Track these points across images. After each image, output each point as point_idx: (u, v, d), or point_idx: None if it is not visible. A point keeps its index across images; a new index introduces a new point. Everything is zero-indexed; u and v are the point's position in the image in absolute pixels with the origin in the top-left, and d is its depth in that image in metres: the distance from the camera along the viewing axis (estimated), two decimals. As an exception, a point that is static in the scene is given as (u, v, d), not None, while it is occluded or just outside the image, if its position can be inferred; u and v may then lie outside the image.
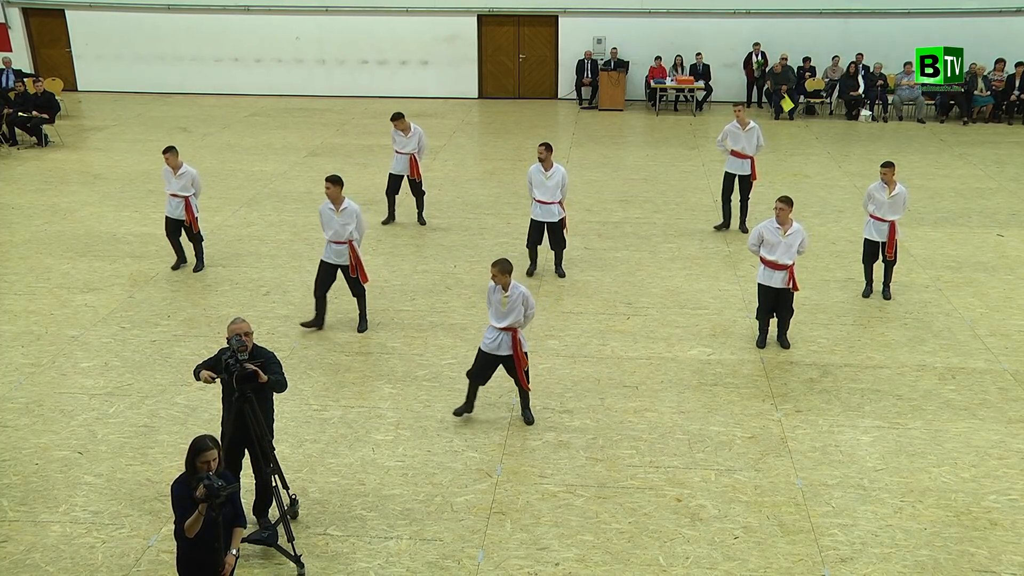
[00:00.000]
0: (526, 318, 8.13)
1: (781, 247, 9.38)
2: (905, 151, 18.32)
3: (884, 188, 10.66)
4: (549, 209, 11.38)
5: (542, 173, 11.31)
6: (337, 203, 9.81)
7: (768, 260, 9.47)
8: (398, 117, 13.57)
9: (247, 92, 24.21)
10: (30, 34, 24.74)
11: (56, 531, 6.85)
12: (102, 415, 8.46)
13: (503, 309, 8.01)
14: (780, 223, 9.36)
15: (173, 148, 11.66)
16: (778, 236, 9.38)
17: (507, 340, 8.08)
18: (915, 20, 22.15)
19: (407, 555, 6.61)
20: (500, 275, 7.93)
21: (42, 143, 18.68)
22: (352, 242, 9.92)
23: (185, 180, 11.60)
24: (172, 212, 11.69)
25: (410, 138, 13.57)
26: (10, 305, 10.90)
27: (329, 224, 9.89)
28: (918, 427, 8.24)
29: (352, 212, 9.84)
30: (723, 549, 6.67)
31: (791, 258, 9.43)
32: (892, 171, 10.61)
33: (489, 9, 23.49)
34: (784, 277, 9.46)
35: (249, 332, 6.45)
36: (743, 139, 13.17)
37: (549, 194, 11.30)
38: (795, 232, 9.40)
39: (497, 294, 8.03)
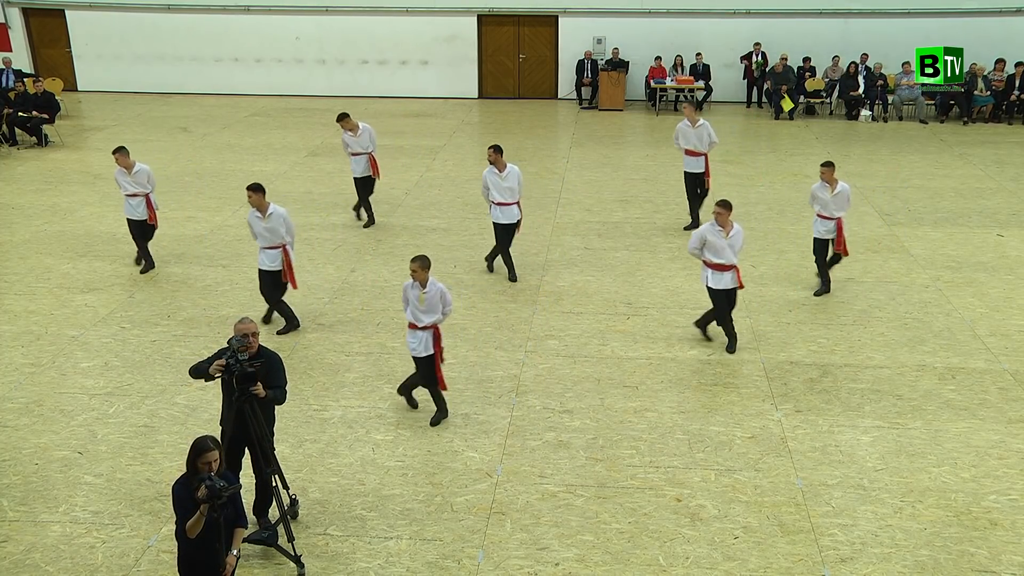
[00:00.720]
0: (444, 315, 8.14)
1: (727, 249, 9.42)
2: (905, 151, 18.32)
3: (826, 187, 10.76)
4: (510, 210, 11.39)
5: (497, 175, 11.31)
6: (263, 210, 9.85)
7: (715, 263, 9.48)
8: (343, 117, 13.45)
9: (247, 92, 24.22)
10: (30, 34, 24.75)
11: (56, 531, 6.85)
12: (102, 415, 8.46)
13: (421, 307, 8.00)
14: (721, 226, 9.39)
15: (123, 148, 11.71)
16: (721, 238, 9.41)
17: (428, 340, 8.07)
18: (915, 20, 22.15)
19: (407, 555, 6.61)
20: (420, 271, 7.91)
21: (42, 143, 18.69)
22: (285, 246, 9.95)
23: (141, 177, 11.68)
24: (132, 213, 11.77)
25: (360, 136, 13.44)
26: (10, 305, 10.90)
27: (258, 231, 9.93)
28: (918, 427, 8.24)
29: (279, 216, 9.88)
30: (723, 549, 6.67)
31: (736, 258, 9.53)
32: (832, 170, 10.75)
33: (489, 9, 23.49)
34: (732, 277, 9.51)
35: (255, 333, 6.46)
36: (694, 137, 13.27)
37: (508, 195, 11.32)
38: (736, 233, 9.47)
39: (415, 291, 8.01)
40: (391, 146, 18.77)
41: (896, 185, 15.88)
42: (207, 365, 6.37)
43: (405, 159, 17.74)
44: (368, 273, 11.86)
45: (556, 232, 13.50)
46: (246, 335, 6.35)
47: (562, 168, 17.19)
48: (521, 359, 9.56)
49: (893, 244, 12.90)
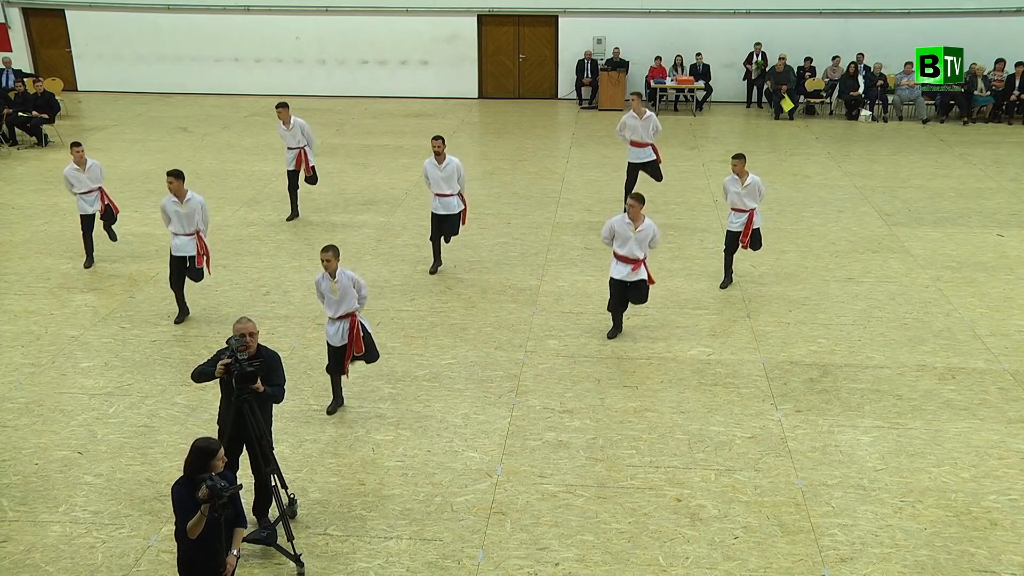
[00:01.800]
0: (360, 301, 8.21)
1: (632, 242, 9.55)
2: (905, 151, 18.33)
3: (736, 180, 10.86)
4: (447, 202, 11.49)
5: (436, 167, 11.45)
6: (181, 196, 9.99)
7: (620, 254, 9.66)
8: (282, 107, 13.63)
9: (247, 92, 24.22)
10: (30, 34, 24.75)
11: (56, 531, 6.85)
12: (102, 415, 8.46)
13: (335, 297, 8.08)
14: (632, 219, 9.53)
15: (78, 143, 11.90)
16: (629, 231, 9.52)
17: (345, 328, 8.16)
18: (915, 20, 22.15)
19: (407, 555, 6.61)
20: (333, 260, 7.97)
21: (42, 143, 18.69)
22: (199, 232, 10.13)
23: (94, 172, 11.89)
24: (87, 208, 11.94)
25: (292, 130, 13.60)
26: (10, 305, 10.90)
27: (174, 217, 10.06)
28: (918, 427, 8.24)
29: (196, 203, 10.06)
30: (723, 549, 6.67)
31: (643, 252, 9.64)
32: (743, 163, 10.85)
33: (489, 9, 23.50)
34: (631, 268, 9.63)
35: (254, 332, 6.46)
36: (640, 128, 13.52)
37: (446, 186, 11.46)
38: (645, 228, 9.56)
39: (326, 282, 8.08)
40: (391, 146, 18.79)
41: (896, 185, 15.88)
42: (211, 367, 6.37)
43: (405, 159, 17.74)
44: (368, 273, 11.85)
45: (556, 232, 13.50)
46: (244, 335, 6.35)
47: (562, 168, 17.19)
48: (521, 359, 9.56)
49: (893, 244, 12.90)
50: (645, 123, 13.52)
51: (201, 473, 5.16)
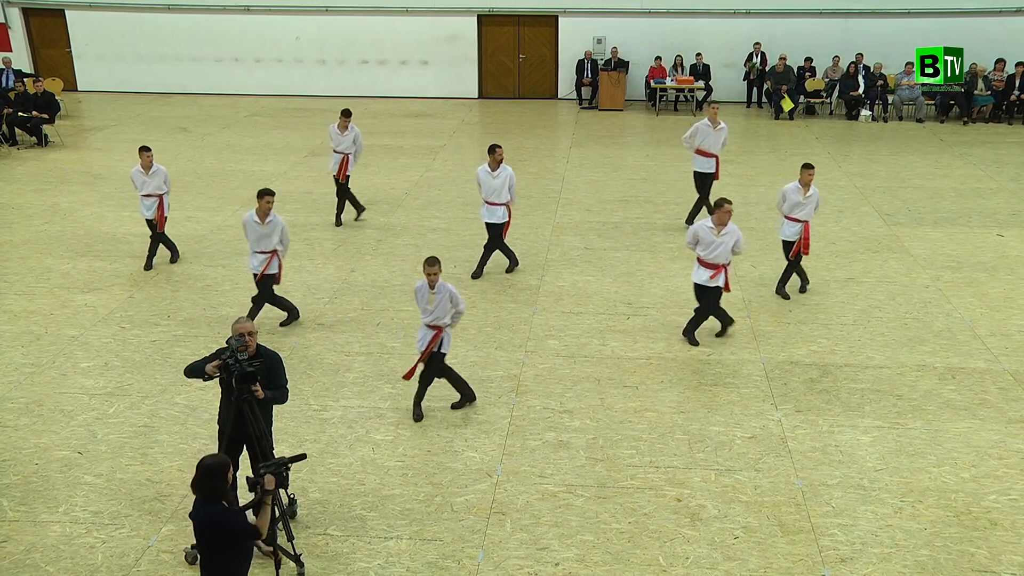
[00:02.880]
0: (454, 318, 8.22)
1: (715, 247, 9.50)
2: (905, 151, 18.32)
3: (800, 189, 10.74)
4: (494, 210, 11.45)
5: (489, 174, 11.38)
6: (263, 215, 9.84)
7: (703, 259, 9.62)
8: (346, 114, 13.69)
9: (247, 92, 24.22)
10: (30, 34, 24.75)
11: (56, 531, 6.84)
12: (102, 415, 8.46)
13: (429, 307, 8.11)
14: (716, 224, 9.51)
15: (147, 148, 11.89)
16: (712, 236, 9.50)
17: (428, 337, 8.22)
18: (915, 20, 22.15)
19: (407, 555, 6.61)
20: (439, 273, 8.04)
21: (42, 143, 18.69)
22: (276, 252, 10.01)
23: (157, 178, 11.81)
24: (145, 212, 11.90)
25: (346, 136, 13.58)
26: (10, 305, 10.90)
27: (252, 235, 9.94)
28: (918, 427, 8.24)
29: (277, 224, 9.90)
30: (723, 549, 6.67)
31: (727, 258, 9.59)
32: (812, 173, 10.69)
33: (489, 9, 23.49)
34: (711, 274, 9.58)
35: (253, 332, 6.46)
36: (712, 137, 13.26)
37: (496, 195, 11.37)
38: (730, 233, 9.51)
39: (424, 292, 8.12)
40: (391, 146, 18.79)
41: (896, 185, 15.88)
42: (203, 364, 6.37)
43: (405, 159, 17.74)
44: (368, 273, 11.86)
45: (556, 232, 13.50)
46: (243, 335, 6.35)
47: (562, 168, 17.19)
48: (521, 359, 9.56)
49: (893, 244, 12.90)
50: (718, 134, 13.22)
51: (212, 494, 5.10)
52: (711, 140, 13.25)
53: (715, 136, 13.25)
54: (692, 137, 13.38)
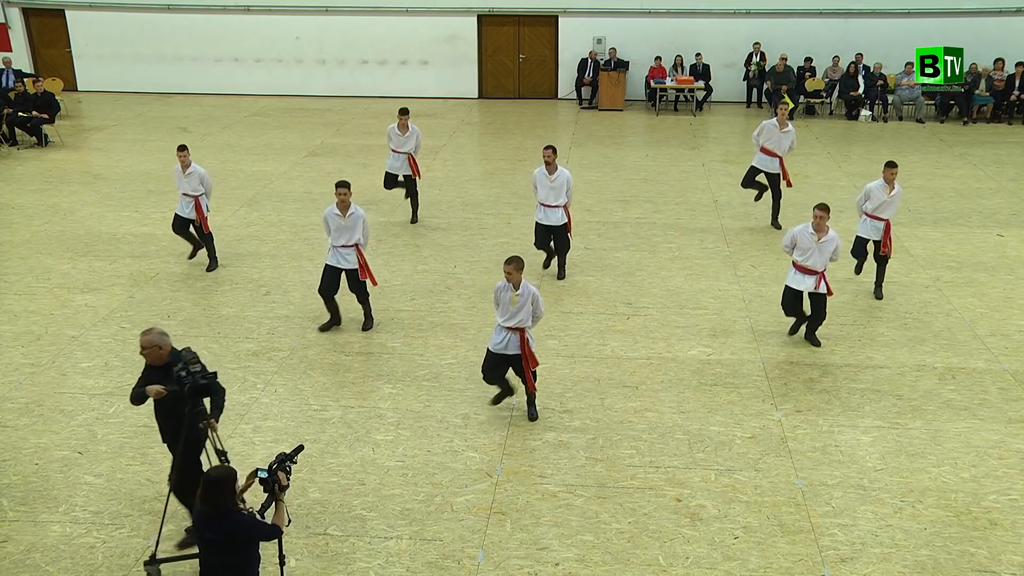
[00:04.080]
0: (535, 319, 8.16)
1: (815, 252, 9.42)
2: (905, 151, 18.32)
3: (884, 187, 10.74)
4: (552, 213, 11.35)
5: (546, 176, 11.30)
6: (344, 209, 9.77)
7: (800, 265, 9.53)
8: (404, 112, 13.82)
9: (247, 92, 24.21)
10: (30, 34, 24.74)
11: (56, 531, 6.84)
12: (102, 415, 8.46)
13: (512, 308, 8.01)
14: (816, 230, 9.41)
15: (183, 147, 11.85)
16: (812, 242, 9.42)
17: (515, 340, 8.10)
18: (915, 20, 22.14)
19: (407, 555, 6.61)
20: (515, 272, 7.95)
21: (42, 143, 18.68)
22: (358, 245, 9.90)
23: (193, 179, 11.72)
24: (182, 210, 11.87)
25: (408, 137, 13.66)
26: (10, 305, 10.90)
27: (335, 228, 9.83)
28: (918, 427, 8.24)
29: (358, 216, 9.81)
30: (723, 549, 6.67)
31: (824, 264, 9.50)
32: (896, 171, 10.73)
33: (489, 9, 23.49)
34: (814, 282, 9.51)
35: (161, 345, 6.28)
36: (776, 137, 13.25)
37: (554, 197, 11.28)
38: (829, 239, 9.42)
39: (508, 292, 8.02)
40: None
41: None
42: (142, 388, 6.24)
43: (405, 159, 17.71)
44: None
45: (556, 232, 13.49)
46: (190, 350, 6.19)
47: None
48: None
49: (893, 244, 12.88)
50: (784, 135, 13.22)
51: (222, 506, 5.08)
52: (775, 140, 13.26)
53: (781, 137, 13.24)
54: (759, 135, 13.47)
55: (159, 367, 6.35)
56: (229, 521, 5.08)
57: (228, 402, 8.59)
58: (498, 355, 8.19)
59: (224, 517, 5.07)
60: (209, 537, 5.11)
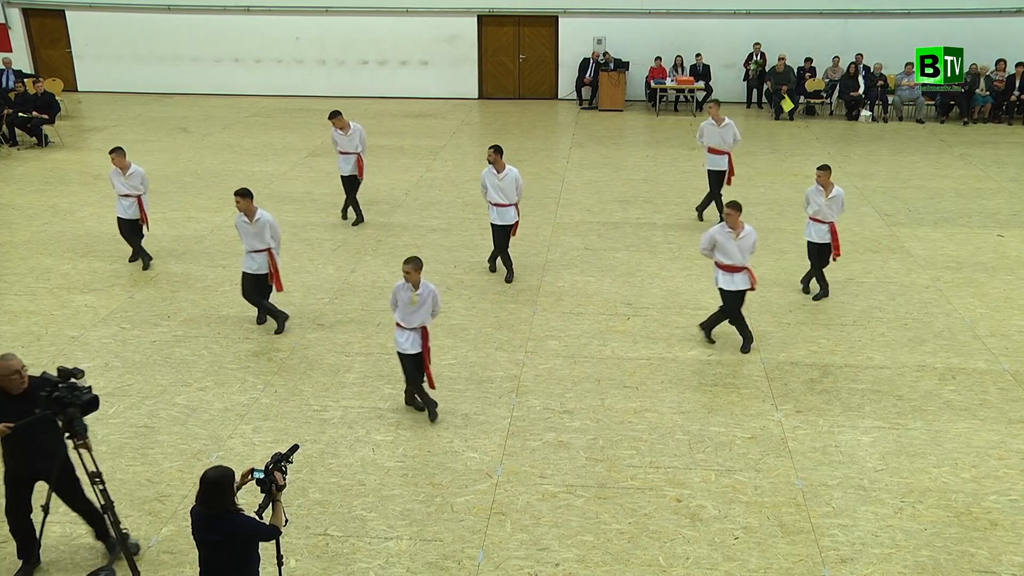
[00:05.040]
0: (433, 316, 8.23)
1: (735, 250, 9.42)
2: (905, 151, 18.32)
3: (821, 191, 10.75)
4: (506, 212, 11.40)
5: (495, 176, 11.33)
6: (250, 215, 9.81)
7: (725, 264, 9.51)
8: (336, 115, 13.65)
9: (247, 92, 24.21)
10: (30, 34, 24.74)
11: (56, 531, 6.84)
12: (102, 415, 8.45)
13: (411, 307, 8.07)
14: (731, 227, 9.40)
15: (120, 149, 11.86)
16: (731, 240, 9.41)
17: (417, 339, 8.17)
18: (915, 20, 22.14)
19: (407, 555, 6.61)
20: (413, 272, 7.99)
21: (42, 144, 18.68)
22: (270, 250, 9.96)
23: (134, 179, 11.76)
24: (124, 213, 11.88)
25: (351, 136, 13.62)
26: (10, 305, 10.90)
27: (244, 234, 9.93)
28: (918, 427, 8.24)
29: (265, 222, 9.85)
30: (723, 549, 6.67)
31: (747, 259, 9.52)
32: (828, 174, 10.71)
33: (489, 9, 23.49)
34: (744, 278, 9.52)
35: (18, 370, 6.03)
36: (718, 135, 13.41)
37: (504, 196, 11.32)
38: (747, 235, 9.45)
39: (406, 292, 8.07)
40: (391, 146, 18.78)
41: (896, 185, 15.88)
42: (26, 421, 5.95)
43: (405, 159, 17.74)
44: (368, 273, 11.86)
45: (556, 232, 13.50)
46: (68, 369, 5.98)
47: (562, 168, 17.18)
48: (521, 359, 9.56)
49: (893, 244, 12.90)
50: (723, 130, 13.35)
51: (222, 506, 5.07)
52: (717, 137, 13.38)
53: (721, 133, 13.37)
54: (701, 137, 13.64)
55: (17, 396, 6.03)
56: (228, 522, 5.08)
57: (228, 402, 8.67)
58: (404, 355, 8.23)
59: (223, 517, 5.07)
60: (209, 538, 5.11)
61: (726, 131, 13.39)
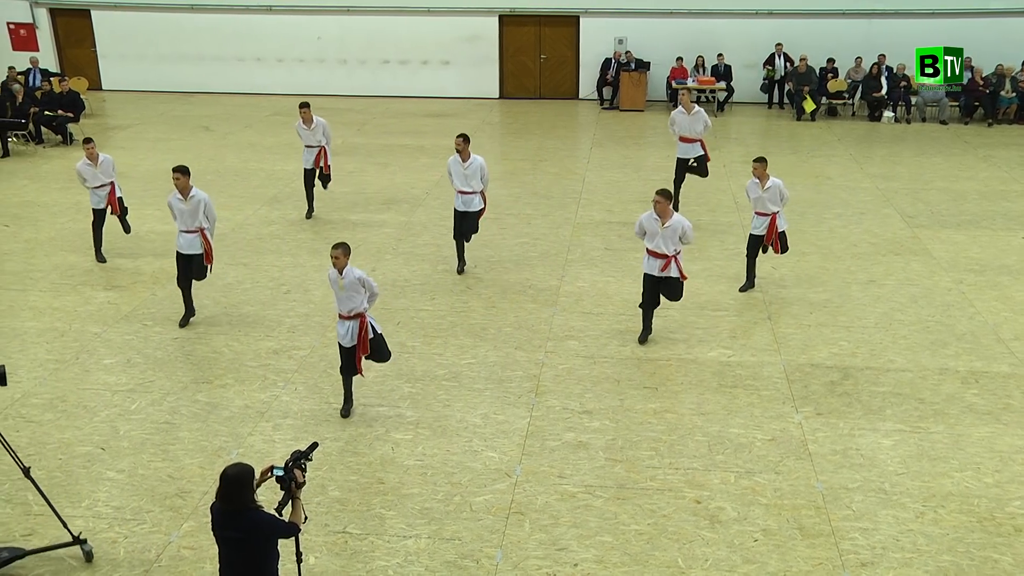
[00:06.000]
0: (369, 301, 8.28)
1: (659, 237, 9.50)
2: (928, 153, 18.19)
3: (757, 184, 10.79)
4: (468, 199, 11.62)
5: (460, 163, 11.57)
6: (185, 192, 9.97)
7: (650, 249, 9.60)
8: (304, 106, 13.77)
9: (269, 91, 24.33)
10: (56, 34, 24.99)
11: (79, 525, 6.90)
12: (124, 411, 8.53)
13: (342, 294, 8.13)
14: (659, 215, 9.50)
15: (89, 139, 12.03)
16: (657, 227, 9.50)
17: (355, 328, 8.23)
18: (939, 21, 21.94)
19: (426, 554, 6.63)
20: (342, 256, 8.06)
21: (67, 142, 18.86)
22: (203, 230, 10.08)
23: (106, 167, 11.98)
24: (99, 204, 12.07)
25: (314, 130, 13.72)
26: (35, 301, 11.01)
27: (178, 214, 10.05)
28: (940, 431, 8.18)
29: (200, 199, 10.00)
30: (742, 552, 6.64)
31: (673, 248, 9.55)
32: (763, 166, 10.78)
33: (510, 9, 23.50)
34: (661, 264, 9.54)
35: None
36: (688, 123, 13.65)
37: (467, 184, 11.56)
38: (673, 223, 9.50)
39: (335, 279, 8.14)
40: (412, 146, 18.83)
41: (919, 187, 15.76)
42: None
43: (426, 159, 17.77)
44: (387, 272, 11.89)
45: (576, 232, 13.49)
46: None
47: (582, 168, 17.17)
48: (541, 359, 9.56)
49: (915, 246, 12.81)
50: (694, 119, 13.60)
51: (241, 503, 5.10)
52: (687, 126, 13.65)
53: (691, 121, 13.62)
54: (672, 125, 13.91)
55: None
56: (248, 518, 5.11)
57: (249, 400, 8.72)
58: (349, 348, 8.29)
59: (243, 514, 5.10)
60: (229, 535, 5.14)
61: (696, 119, 13.60)
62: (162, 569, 6.47)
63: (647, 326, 9.94)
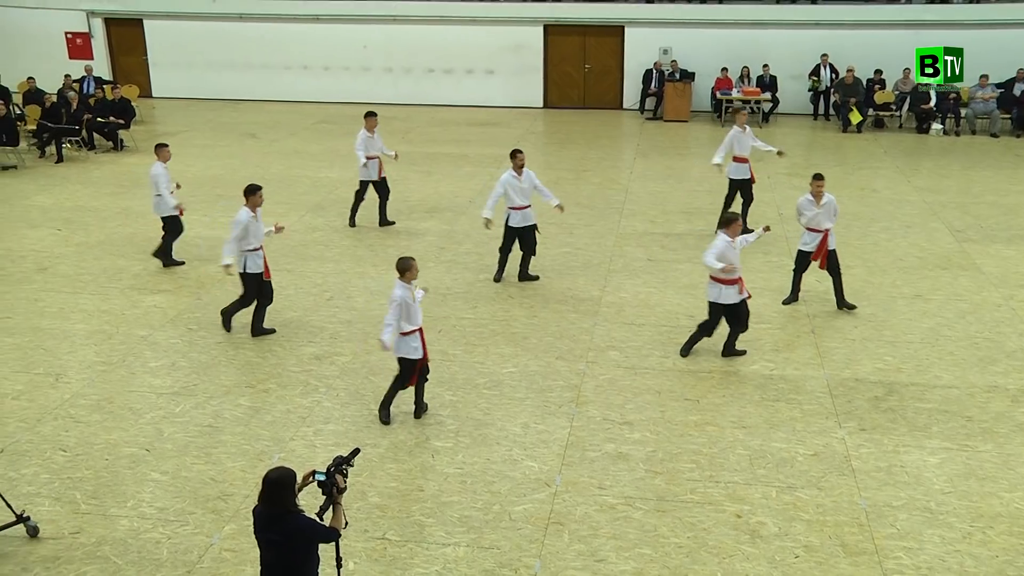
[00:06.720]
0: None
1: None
2: (978, 166, 17.88)
3: (812, 201, 10.65)
4: (527, 213, 11.68)
5: (516, 178, 11.63)
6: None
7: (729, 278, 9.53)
8: (371, 115, 14.08)
9: (314, 99, 24.60)
10: (110, 43, 25.53)
11: (124, 525, 7.01)
12: (169, 414, 8.65)
13: (416, 306, 8.35)
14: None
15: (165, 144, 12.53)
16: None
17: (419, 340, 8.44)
18: (989, 32, 21.62)
19: (464, 562, 6.63)
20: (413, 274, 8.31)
21: (118, 148, 19.23)
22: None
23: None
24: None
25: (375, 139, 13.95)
26: (84, 304, 11.22)
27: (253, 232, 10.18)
28: (989, 450, 8.02)
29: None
30: (783, 568, 6.56)
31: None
32: (822, 183, 10.65)
33: (555, 19, 23.54)
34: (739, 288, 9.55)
35: None
36: (746, 142, 13.52)
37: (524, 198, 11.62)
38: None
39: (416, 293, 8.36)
40: (456, 154, 18.92)
41: (968, 201, 15.50)
42: None
43: (470, 167, 17.84)
44: (430, 280, 11.94)
45: (619, 243, 13.46)
46: None
47: (626, 179, 17.13)
48: (582, 369, 9.54)
49: (964, 261, 12.59)
50: (748, 137, 13.50)
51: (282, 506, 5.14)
52: (744, 145, 13.53)
53: (748, 140, 13.52)
54: (733, 146, 13.57)
55: None
56: (289, 522, 5.16)
57: (291, 405, 8.80)
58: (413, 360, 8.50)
59: (284, 518, 5.15)
60: (270, 538, 5.19)
61: (748, 138, 13.47)
62: (203, 570, 6.55)
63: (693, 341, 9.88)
